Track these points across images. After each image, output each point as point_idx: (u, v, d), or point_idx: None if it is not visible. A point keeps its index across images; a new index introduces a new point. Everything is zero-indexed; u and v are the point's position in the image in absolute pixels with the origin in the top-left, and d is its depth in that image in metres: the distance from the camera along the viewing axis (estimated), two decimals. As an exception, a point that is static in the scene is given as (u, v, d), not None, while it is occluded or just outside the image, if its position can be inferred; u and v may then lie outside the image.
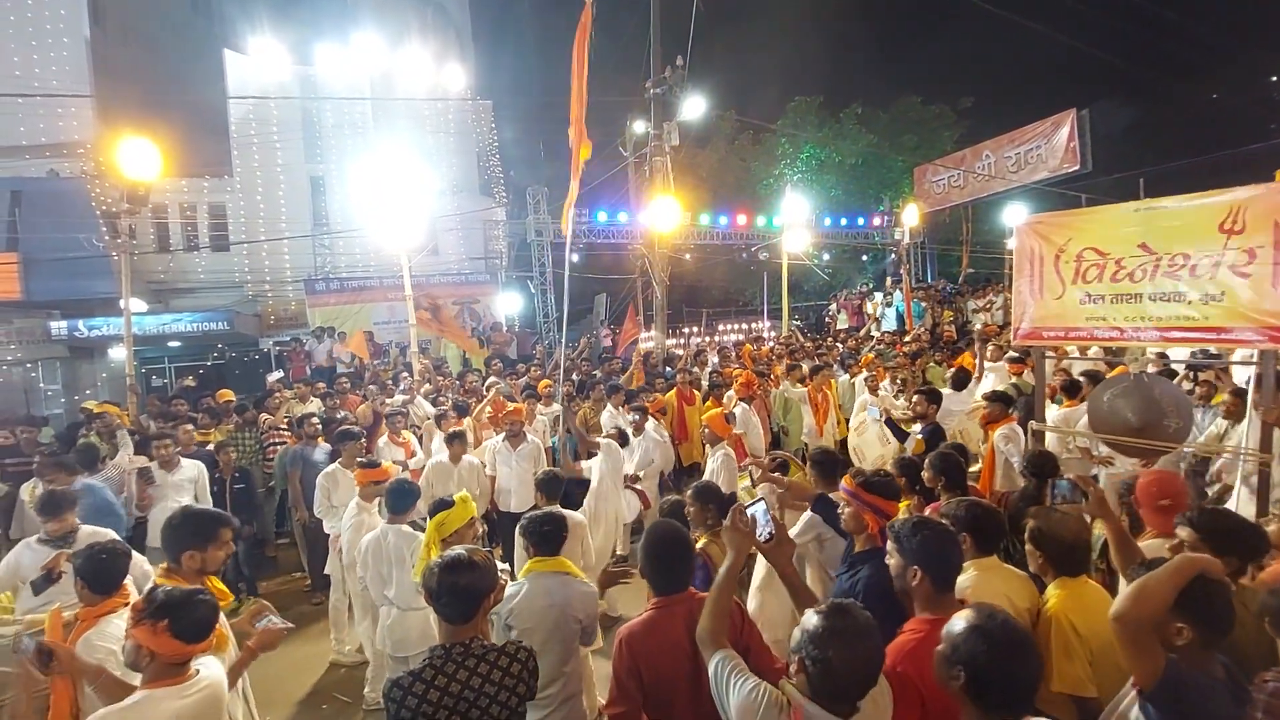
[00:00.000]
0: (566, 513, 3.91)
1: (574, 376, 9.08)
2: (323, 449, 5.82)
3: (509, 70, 26.90)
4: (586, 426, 6.11)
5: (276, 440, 6.78)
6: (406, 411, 6.73)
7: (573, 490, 6.56)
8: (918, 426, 5.13)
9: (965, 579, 2.28)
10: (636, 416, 6.03)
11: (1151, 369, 6.10)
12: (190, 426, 6.08)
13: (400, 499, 3.66)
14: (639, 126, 10.58)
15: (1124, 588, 1.85)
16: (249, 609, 2.59)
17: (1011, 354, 7.28)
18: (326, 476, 5.01)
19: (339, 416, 6.98)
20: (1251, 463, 3.74)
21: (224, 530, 2.65)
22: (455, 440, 5.46)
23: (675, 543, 2.27)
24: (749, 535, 2.08)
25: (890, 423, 5.47)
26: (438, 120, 18.66)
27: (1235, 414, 5.12)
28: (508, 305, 17.34)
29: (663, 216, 9.33)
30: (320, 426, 6.04)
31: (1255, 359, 3.83)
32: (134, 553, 3.30)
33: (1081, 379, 6.03)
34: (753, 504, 2.19)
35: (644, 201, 11.06)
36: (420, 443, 6.39)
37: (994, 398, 5.03)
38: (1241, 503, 3.76)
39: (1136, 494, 2.71)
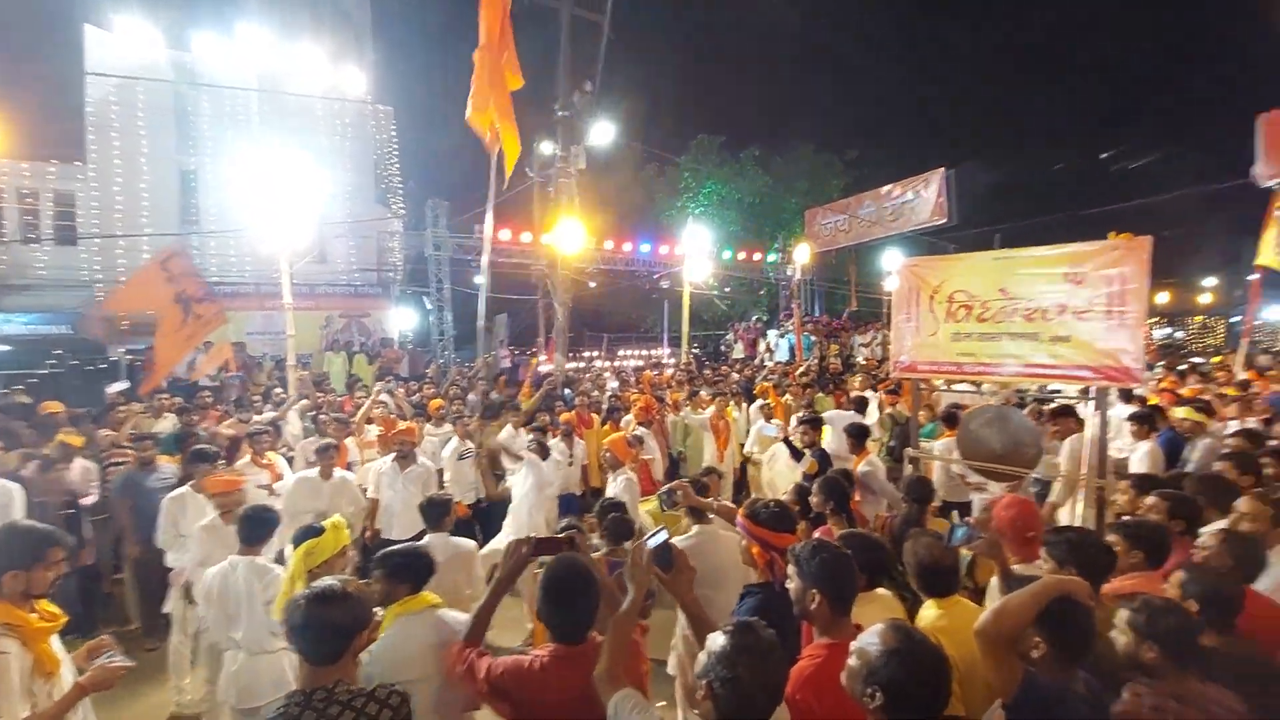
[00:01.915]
0: (457, 541, 3.66)
1: (470, 396, 8.74)
2: (161, 474, 5.14)
3: (412, 78, 26.05)
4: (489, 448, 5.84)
5: (118, 460, 5.93)
6: (277, 429, 6.13)
7: (496, 511, 6.23)
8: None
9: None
10: (535, 437, 5.85)
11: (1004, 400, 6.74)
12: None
13: (254, 527, 3.20)
14: (546, 148, 10.53)
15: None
16: (88, 644, 2.30)
17: (889, 387, 7.84)
18: (173, 500, 4.41)
19: (196, 434, 6.24)
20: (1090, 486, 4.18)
21: (52, 550, 2.30)
22: (325, 453, 4.99)
23: (576, 581, 2.06)
24: (648, 569, 2.02)
25: (788, 442, 5.65)
26: (332, 122, 17.66)
27: (1062, 434, 5.70)
28: (401, 321, 16.55)
29: (567, 238, 9.29)
30: (156, 448, 5.36)
31: (1093, 394, 4.31)
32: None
33: (957, 410, 6.56)
34: (654, 534, 2.12)
35: (548, 223, 10.99)
36: (291, 466, 5.83)
37: (850, 431, 5.24)
38: (1082, 520, 4.18)
39: (1000, 526, 2.77)
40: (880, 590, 2.52)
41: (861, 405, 7.55)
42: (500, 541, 4.90)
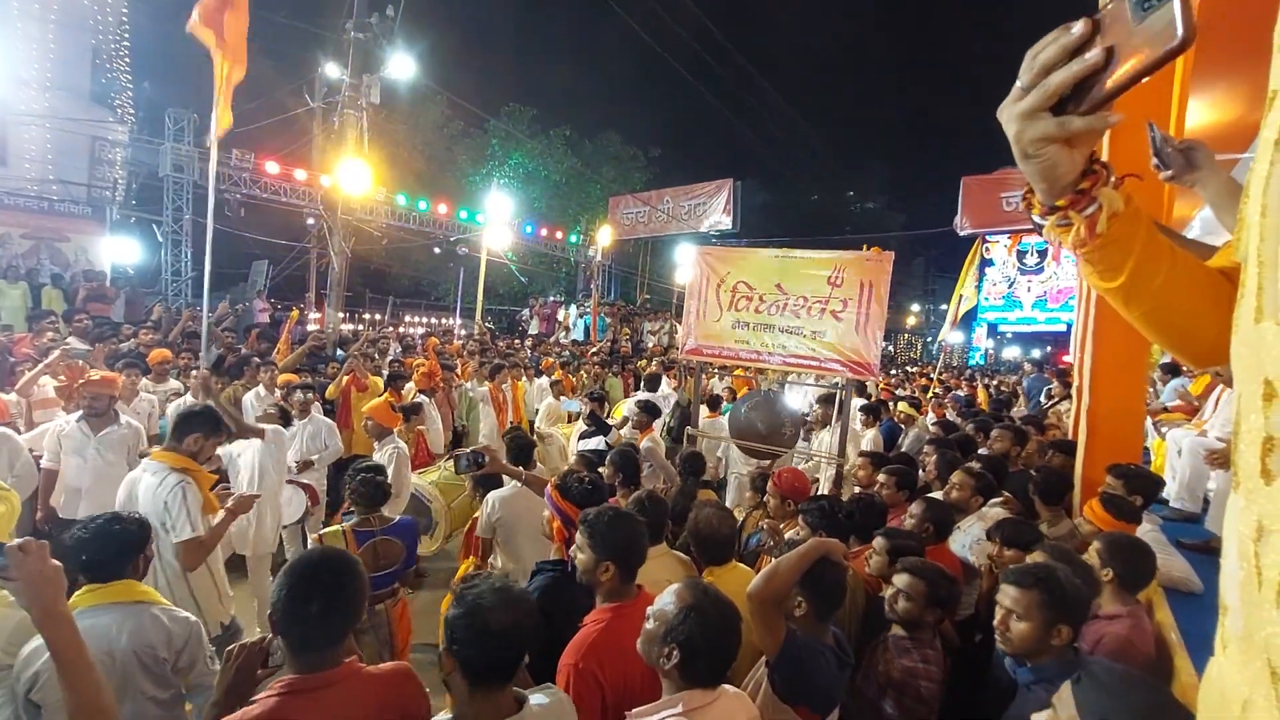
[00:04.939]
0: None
1: (213, 348, 7.31)
2: None
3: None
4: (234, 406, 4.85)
5: None
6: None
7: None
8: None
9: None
10: (304, 395, 5.07)
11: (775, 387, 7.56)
12: None
13: None
14: (332, 71, 9.09)
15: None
16: None
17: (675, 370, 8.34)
18: None
19: None
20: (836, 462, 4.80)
21: None
22: None
23: (329, 573, 1.49)
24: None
25: (594, 416, 5.63)
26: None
27: (820, 424, 6.56)
28: (119, 253, 13.33)
29: (351, 179, 8.17)
30: None
31: (840, 385, 4.94)
32: None
33: (720, 394, 7.17)
34: None
35: (327, 162, 9.63)
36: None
37: (643, 407, 5.50)
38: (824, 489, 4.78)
39: (783, 489, 3.22)
40: (669, 551, 2.59)
41: (654, 382, 7.82)
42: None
